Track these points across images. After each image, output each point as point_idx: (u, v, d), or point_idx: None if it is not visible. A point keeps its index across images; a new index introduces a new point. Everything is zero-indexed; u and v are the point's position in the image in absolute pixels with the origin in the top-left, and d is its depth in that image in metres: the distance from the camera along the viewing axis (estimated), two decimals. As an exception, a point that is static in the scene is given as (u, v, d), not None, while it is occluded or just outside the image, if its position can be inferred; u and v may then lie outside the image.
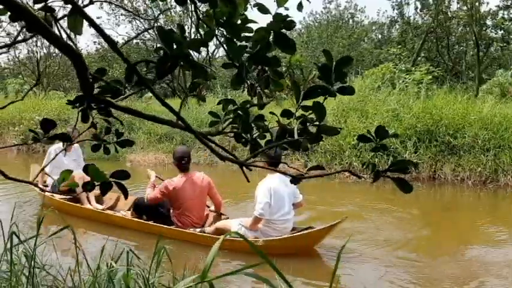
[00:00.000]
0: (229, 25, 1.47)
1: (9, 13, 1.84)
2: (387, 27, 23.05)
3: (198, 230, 5.22)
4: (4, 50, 1.41)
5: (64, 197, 6.43)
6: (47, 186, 6.56)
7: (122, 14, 19.28)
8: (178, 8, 17.91)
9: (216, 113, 1.70)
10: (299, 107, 1.46)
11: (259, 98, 1.72)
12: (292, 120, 1.54)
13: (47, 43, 21.58)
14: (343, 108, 10.22)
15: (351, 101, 10.27)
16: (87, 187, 1.44)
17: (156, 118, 1.27)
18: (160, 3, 17.68)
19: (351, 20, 23.62)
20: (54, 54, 23.00)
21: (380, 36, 23.70)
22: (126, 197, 1.69)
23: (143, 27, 19.24)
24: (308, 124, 1.47)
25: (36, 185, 1.46)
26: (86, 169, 1.40)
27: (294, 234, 4.73)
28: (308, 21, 23.93)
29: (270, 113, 1.56)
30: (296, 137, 1.30)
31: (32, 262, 1.68)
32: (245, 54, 1.56)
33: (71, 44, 1.08)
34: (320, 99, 1.37)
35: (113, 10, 19.50)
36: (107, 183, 1.45)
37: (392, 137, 1.41)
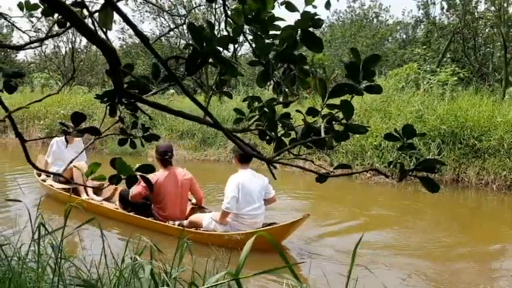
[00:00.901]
0: (258, 21, 1.47)
1: (41, 8, 1.89)
2: (412, 27, 22.73)
3: (177, 223, 5.31)
4: (37, 44, 1.44)
5: (64, 186, 6.62)
6: (49, 176, 6.89)
7: (146, 11, 19.45)
8: (200, 5, 17.99)
9: (241, 110, 1.71)
10: (325, 105, 1.46)
11: (285, 96, 1.72)
12: (317, 118, 1.53)
13: (73, 39, 22.02)
14: (366, 108, 10.13)
15: (374, 101, 10.18)
16: (114, 180, 1.47)
17: (184, 114, 1.28)
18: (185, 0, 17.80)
19: (375, 20, 23.37)
20: (79, 50, 23.40)
21: (404, 36, 23.39)
22: (151, 191, 1.72)
23: (168, 24, 19.38)
24: (334, 122, 1.46)
25: (63, 177, 1.49)
26: (113, 163, 1.42)
27: (255, 230, 4.74)
28: (332, 20, 23.78)
29: (297, 111, 1.55)
30: (323, 135, 1.29)
31: (59, 253, 1.71)
32: (271, 52, 1.56)
33: (105, 38, 1.09)
34: (346, 97, 1.36)
35: (137, 7, 19.70)
36: (133, 177, 1.47)
37: (419, 137, 1.39)
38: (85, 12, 1.42)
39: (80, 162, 6.60)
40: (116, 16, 1.27)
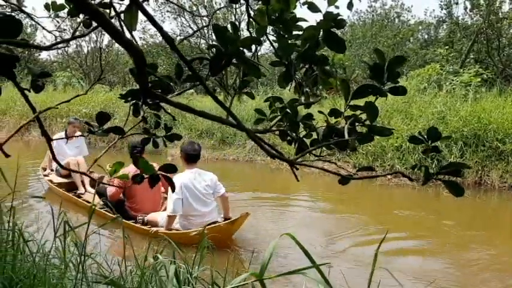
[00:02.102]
0: (281, 22, 1.46)
1: (67, 9, 1.92)
2: (434, 27, 22.42)
3: (140, 217, 5.39)
4: (63, 44, 1.46)
5: (63, 180, 6.97)
6: (52, 171, 7.26)
7: (167, 11, 19.60)
8: (222, 5, 18.03)
9: (262, 111, 1.71)
10: (348, 107, 1.45)
11: (306, 96, 1.71)
12: (339, 119, 1.52)
13: (94, 38, 22.33)
14: (386, 109, 10.03)
15: (395, 102, 10.07)
16: (137, 179, 1.48)
17: (207, 114, 1.29)
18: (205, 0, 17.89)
19: (396, 19, 23.11)
20: (100, 49, 23.72)
21: (426, 36, 23.08)
22: (173, 190, 1.73)
23: (188, 24, 19.49)
24: (356, 124, 1.45)
25: (90, 176, 1.52)
26: (136, 162, 1.44)
27: (190, 230, 4.76)
28: (352, 20, 23.60)
29: (319, 112, 1.54)
30: (346, 136, 1.28)
31: (83, 251, 1.73)
32: (293, 53, 1.55)
33: (131, 39, 1.10)
34: (370, 98, 1.35)
35: (159, 7, 19.86)
36: (155, 176, 1.49)
37: (444, 140, 1.37)
38: (107, 12, 1.44)
39: (78, 157, 6.84)
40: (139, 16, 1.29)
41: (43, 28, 2.11)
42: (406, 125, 9.39)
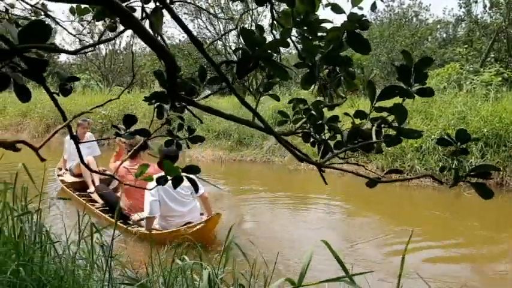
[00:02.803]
0: (306, 23, 1.46)
1: (91, 13, 1.94)
2: (453, 26, 22.12)
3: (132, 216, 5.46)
4: (91, 48, 1.49)
5: (75, 180, 7.27)
6: (67, 170, 7.56)
7: (184, 13, 19.71)
8: (239, 6, 18.07)
9: (285, 113, 1.71)
10: (373, 108, 1.43)
11: (330, 98, 1.70)
12: (365, 121, 1.51)
13: (112, 41, 22.57)
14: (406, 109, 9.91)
15: (414, 102, 9.95)
16: (161, 181, 1.49)
17: (235, 118, 1.29)
18: (222, 1, 17.94)
19: (414, 19, 22.85)
20: (118, 52, 24.00)
21: (445, 35, 22.79)
22: (196, 191, 1.74)
23: (205, 26, 19.57)
24: (383, 126, 1.44)
25: (115, 178, 1.53)
26: (161, 163, 1.45)
27: (163, 231, 4.84)
28: (370, 20, 23.37)
29: (345, 114, 1.53)
30: (374, 138, 1.27)
31: (110, 252, 1.75)
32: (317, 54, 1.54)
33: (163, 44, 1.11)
34: (397, 100, 1.33)
35: (175, 9, 19.96)
36: (179, 178, 1.49)
37: (473, 141, 1.35)
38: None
39: (89, 157, 7.01)
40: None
41: (69, 33, 2.15)
42: (425, 125, 9.28)
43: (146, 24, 1.40)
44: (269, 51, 1.25)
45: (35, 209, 2.04)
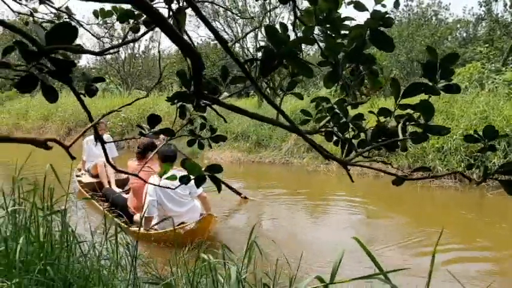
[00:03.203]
0: (329, 21, 1.45)
1: (115, 15, 1.96)
2: (473, 25, 21.78)
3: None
4: (115, 50, 1.51)
5: (92, 180, 7.44)
6: (87, 171, 7.80)
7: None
8: (256, 9, 18.10)
9: (308, 112, 1.70)
10: (397, 106, 1.42)
11: (353, 97, 1.69)
12: (389, 119, 1.49)
13: (131, 45, 22.82)
14: (426, 110, 9.78)
15: (435, 102, 9.81)
16: (183, 180, 1.50)
17: (259, 116, 1.29)
18: (240, 3, 17.99)
19: (434, 18, 22.56)
20: (137, 56, 24.25)
21: (465, 34, 22.45)
22: (219, 191, 1.74)
23: (223, 29, 19.63)
24: (407, 123, 1.42)
25: (139, 177, 1.55)
26: (184, 163, 1.45)
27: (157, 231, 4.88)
28: (389, 19, 23.16)
29: (369, 111, 1.52)
30: (401, 136, 1.25)
31: (135, 252, 1.77)
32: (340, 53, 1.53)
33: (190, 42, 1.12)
34: (422, 97, 1.31)
35: (193, 13, 20.06)
36: (201, 177, 1.50)
37: (501, 138, 1.32)
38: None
39: (102, 158, 7.16)
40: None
41: (93, 35, 2.17)
42: (447, 125, 9.13)
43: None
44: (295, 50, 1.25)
45: (60, 208, 2.07)
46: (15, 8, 2.49)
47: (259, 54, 1.34)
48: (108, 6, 2.04)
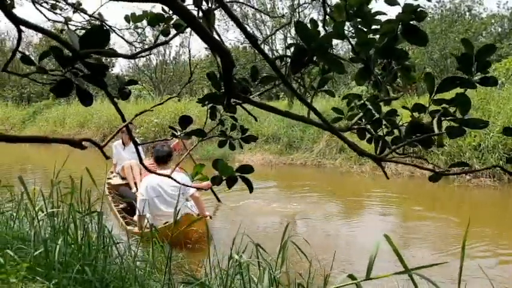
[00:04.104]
0: (360, 16, 1.43)
1: (146, 20, 1.99)
2: (508, 19, 21.10)
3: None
4: (147, 52, 1.54)
5: (120, 182, 7.76)
6: (117, 174, 8.06)
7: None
8: (285, 10, 18.09)
9: (339, 109, 1.67)
10: (432, 101, 1.38)
11: (386, 93, 1.66)
12: (423, 115, 1.46)
13: (163, 51, 23.23)
14: (461, 107, 9.52)
15: (471, 98, 9.50)
16: (215, 180, 1.51)
17: (290, 114, 1.28)
18: (268, 6, 18.02)
19: (467, 13, 22.00)
20: (168, 62, 24.63)
21: (500, 29, 21.77)
22: (251, 191, 1.74)
23: (252, 31, 19.70)
24: (443, 118, 1.38)
25: (170, 177, 1.56)
26: (216, 164, 1.46)
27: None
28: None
29: (403, 107, 1.48)
30: (436, 131, 1.21)
31: (169, 253, 1.78)
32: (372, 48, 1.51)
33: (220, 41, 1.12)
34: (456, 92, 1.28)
35: (222, 16, 20.25)
36: (233, 178, 1.50)
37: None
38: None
39: (132, 161, 7.51)
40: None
41: (125, 40, 2.22)
42: (483, 123, 8.86)
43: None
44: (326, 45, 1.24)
45: (96, 210, 2.12)
46: (49, 16, 2.56)
47: (289, 52, 1.33)
48: (139, 11, 2.08)
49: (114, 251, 2.13)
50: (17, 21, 1.10)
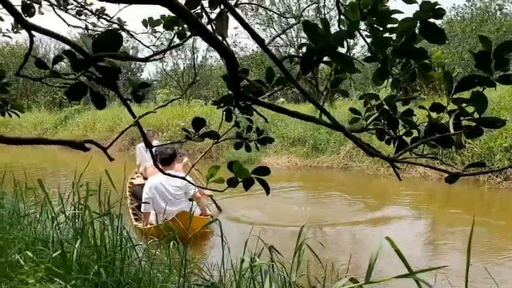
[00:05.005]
0: (375, 14, 1.40)
1: (162, 24, 2.01)
2: (540, 18, 20.46)
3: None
4: (160, 55, 1.56)
5: (142, 182, 7.70)
6: (141, 174, 8.22)
7: (256, 23, 20.00)
8: (311, 12, 18.03)
9: (356, 110, 1.64)
10: (451, 100, 1.34)
11: (404, 93, 1.62)
12: (442, 114, 1.42)
13: (189, 55, 23.46)
14: (493, 107, 9.26)
15: (502, 98, 9.27)
16: (231, 183, 1.50)
17: (299, 114, 1.26)
18: (294, 8, 18.02)
19: (498, 12, 21.44)
20: (195, 66, 24.86)
21: (533, 27, 21.11)
22: (267, 193, 1.72)
23: (278, 35, 19.71)
24: (462, 118, 1.34)
25: (185, 179, 1.57)
26: (231, 166, 1.46)
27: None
28: (450, 16, 22.34)
29: (420, 107, 1.45)
30: (452, 130, 1.18)
31: (184, 255, 1.78)
32: (388, 47, 1.48)
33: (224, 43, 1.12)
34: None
35: (248, 19, 20.33)
36: (249, 179, 1.49)
37: None
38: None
39: (150, 161, 7.55)
40: (229, 30, 1.31)
41: (143, 44, 2.24)
42: (515, 123, 8.60)
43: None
44: (335, 44, 1.22)
45: (115, 213, 2.15)
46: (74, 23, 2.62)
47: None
48: (156, 16, 2.10)
49: (132, 253, 2.15)
50: (28, 27, 1.12)
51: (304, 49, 1.32)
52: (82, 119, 20.83)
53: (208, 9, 1.65)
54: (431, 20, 1.38)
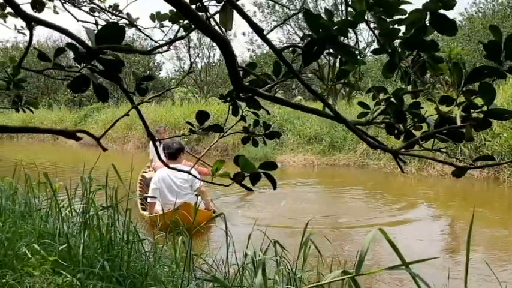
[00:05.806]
0: (382, 4, 1.37)
1: (168, 18, 2.01)
2: None
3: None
4: (165, 48, 1.56)
5: (152, 176, 7.80)
6: (153, 168, 8.32)
7: (273, 20, 19.98)
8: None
9: (365, 103, 1.61)
10: (461, 92, 1.31)
11: (414, 86, 1.59)
12: (452, 108, 1.38)
13: (207, 53, 23.57)
14: (508, 102, 9.07)
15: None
16: (238, 177, 1.48)
17: (302, 107, 1.24)
18: (310, 6, 17.91)
19: (521, 7, 20.97)
20: (213, 65, 24.98)
21: (556, 21, 20.60)
22: (274, 188, 1.70)
23: (294, 31, 19.67)
24: (472, 111, 1.30)
25: (189, 173, 1.56)
26: (237, 160, 1.44)
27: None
28: (471, 12, 21.97)
29: (428, 99, 1.41)
30: (459, 123, 1.14)
31: (189, 250, 1.78)
32: (397, 40, 1.45)
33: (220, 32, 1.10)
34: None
35: (265, 17, 20.32)
36: (256, 174, 1.47)
37: None
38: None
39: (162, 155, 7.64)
40: (246, 28, 1.29)
41: (151, 39, 2.24)
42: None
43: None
44: (337, 34, 1.19)
45: (123, 208, 2.16)
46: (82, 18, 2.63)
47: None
48: (164, 10, 2.10)
49: (139, 247, 2.16)
50: (28, 19, 1.12)
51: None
52: (101, 117, 21.09)
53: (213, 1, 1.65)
54: (442, 11, 1.35)
